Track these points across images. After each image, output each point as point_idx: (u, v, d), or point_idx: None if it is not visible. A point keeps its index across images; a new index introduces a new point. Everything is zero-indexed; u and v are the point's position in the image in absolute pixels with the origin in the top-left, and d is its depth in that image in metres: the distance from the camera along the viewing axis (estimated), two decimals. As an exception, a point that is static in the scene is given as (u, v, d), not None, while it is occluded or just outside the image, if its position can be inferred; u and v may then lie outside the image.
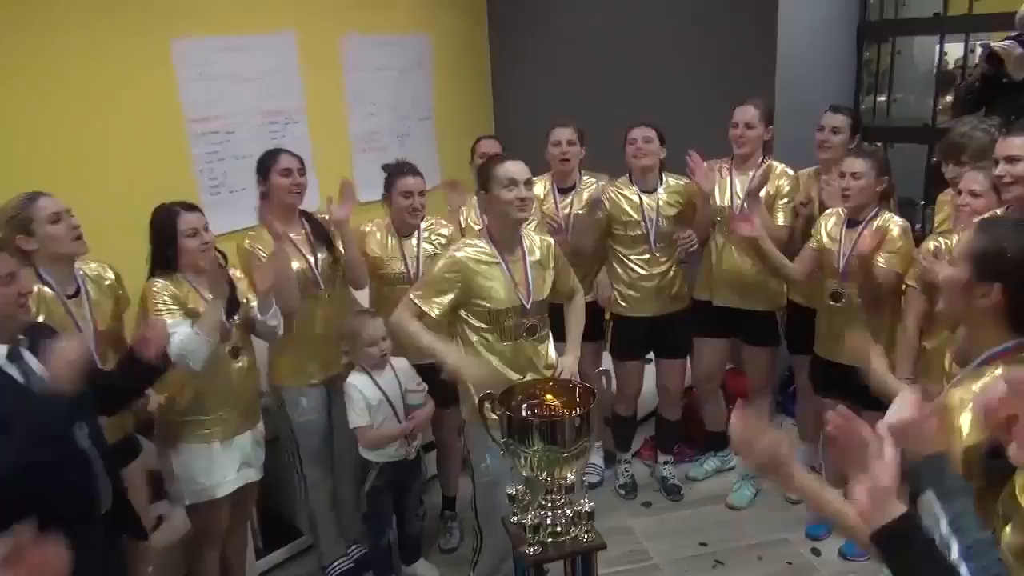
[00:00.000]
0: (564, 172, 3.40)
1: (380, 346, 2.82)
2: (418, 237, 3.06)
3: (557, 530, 1.94)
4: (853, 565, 3.10)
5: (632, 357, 3.50)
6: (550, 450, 1.86)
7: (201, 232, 2.46)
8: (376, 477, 2.87)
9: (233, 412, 2.59)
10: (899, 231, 2.79)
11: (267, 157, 2.83)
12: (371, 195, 3.33)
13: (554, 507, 1.94)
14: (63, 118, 3.03)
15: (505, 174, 2.41)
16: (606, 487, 3.70)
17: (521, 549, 1.89)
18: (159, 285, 2.43)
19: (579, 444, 1.88)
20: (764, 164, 3.25)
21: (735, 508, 3.51)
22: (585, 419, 1.90)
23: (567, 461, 1.89)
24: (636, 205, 3.27)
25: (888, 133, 4.31)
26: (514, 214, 2.44)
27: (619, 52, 4.33)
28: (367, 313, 2.93)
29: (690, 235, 3.25)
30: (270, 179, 2.80)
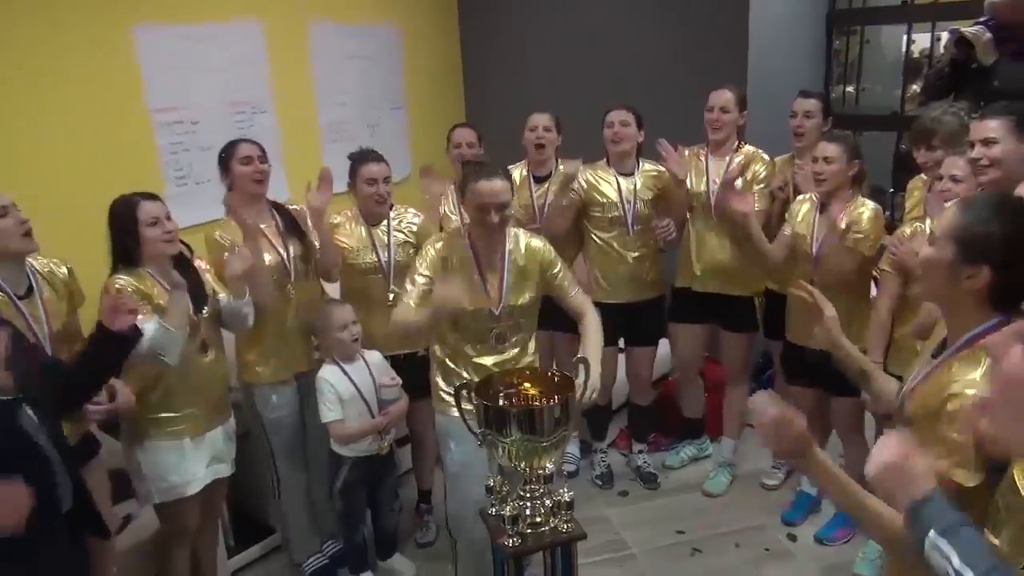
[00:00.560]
0: (540, 160, 3.38)
1: (351, 330, 2.78)
2: (388, 225, 3.02)
3: (536, 521, 1.91)
4: (829, 550, 3.13)
5: (606, 344, 3.47)
6: (528, 439, 1.83)
7: (163, 221, 2.38)
8: (349, 472, 2.83)
9: (203, 407, 2.53)
10: (870, 214, 2.82)
11: (226, 148, 2.78)
12: (341, 186, 3.25)
13: (533, 498, 1.91)
14: (19, 108, 2.94)
15: (477, 198, 2.35)
16: (582, 477, 3.69)
17: (500, 541, 1.85)
18: (122, 281, 2.35)
19: (558, 433, 1.85)
20: (740, 149, 3.27)
21: (712, 495, 3.52)
22: (564, 408, 1.87)
23: (546, 451, 1.86)
24: (613, 187, 3.26)
25: (857, 121, 4.34)
26: (482, 228, 2.41)
27: (590, 40, 4.31)
28: (334, 301, 2.89)
29: (668, 223, 3.25)
30: (231, 169, 2.75)
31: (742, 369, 3.54)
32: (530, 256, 2.51)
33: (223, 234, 2.73)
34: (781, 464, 3.59)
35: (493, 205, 2.34)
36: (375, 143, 3.13)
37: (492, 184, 2.33)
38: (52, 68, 3.00)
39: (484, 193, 2.33)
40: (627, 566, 3.08)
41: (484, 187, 2.33)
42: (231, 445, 2.68)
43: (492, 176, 2.34)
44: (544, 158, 3.37)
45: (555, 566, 1.93)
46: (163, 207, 2.41)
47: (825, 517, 3.27)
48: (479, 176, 2.35)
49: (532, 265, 2.51)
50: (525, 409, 1.88)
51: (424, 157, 4.42)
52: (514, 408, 1.90)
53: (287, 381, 2.89)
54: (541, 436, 1.83)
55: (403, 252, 3.01)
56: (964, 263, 1.43)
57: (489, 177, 2.34)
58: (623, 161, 3.27)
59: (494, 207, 2.34)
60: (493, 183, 2.33)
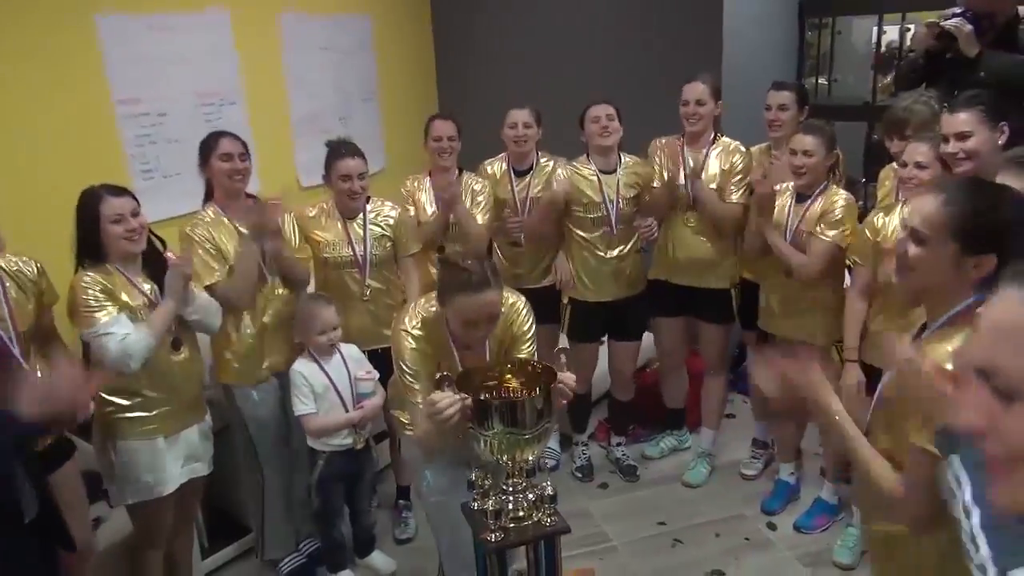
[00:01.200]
0: (521, 154, 3.36)
1: (329, 335, 2.75)
2: (364, 219, 2.97)
3: (519, 515, 1.89)
4: (808, 538, 3.16)
5: (589, 339, 3.48)
6: (511, 432, 1.81)
7: (127, 218, 2.31)
8: (324, 467, 2.79)
9: (177, 406, 2.47)
10: (843, 203, 2.84)
11: (207, 141, 2.72)
12: (314, 180, 3.22)
13: (515, 491, 1.89)
14: (-23, 99, 2.84)
15: (465, 314, 2.02)
16: (563, 470, 3.68)
17: (482, 536, 1.83)
18: (88, 279, 2.29)
19: (540, 425, 1.83)
20: (717, 140, 3.28)
21: (691, 486, 3.53)
22: (546, 399, 1.85)
23: (528, 443, 1.84)
24: (595, 186, 3.23)
25: (829, 112, 4.37)
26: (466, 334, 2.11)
27: (564, 31, 4.29)
28: (321, 298, 2.83)
29: (651, 223, 3.24)
30: (210, 163, 2.69)
31: (720, 360, 3.55)
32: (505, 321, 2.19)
33: (194, 229, 2.67)
34: (760, 454, 3.61)
35: (483, 318, 2.03)
36: (348, 136, 3.06)
37: (482, 298, 2.00)
38: (9, 56, 2.90)
39: (472, 309, 2.01)
40: (608, 559, 3.08)
41: (473, 303, 2.00)
42: (207, 444, 2.63)
43: (480, 289, 1.99)
44: (525, 151, 3.35)
45: (539, 560, 1.90)
46: (129, 203, 2.33)
47: (804, 506, 3.29)
48: (464, 288, 1.99)
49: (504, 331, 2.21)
50: (507, 402, 1.84)
51: (398, 149, 4.40)
52: (496, 400, 1.87)
53: (267, 380, 2.84)
54: (523, 428, 1.81)
55: (380, 246, 2.98)
56: (968, 255, 1.43)
57: (477, 291, 1.98)
58: (607, 156, 3.25)
59: (484, 320, 2.03)
60: (483, 296, 1.99)
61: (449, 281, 2.05)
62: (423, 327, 2.14)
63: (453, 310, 2.04)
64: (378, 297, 3.01)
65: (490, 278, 2.01)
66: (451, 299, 2.03)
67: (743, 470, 3.59)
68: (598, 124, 3.19)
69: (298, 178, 3.93)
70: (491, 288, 2.01)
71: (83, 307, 2.26)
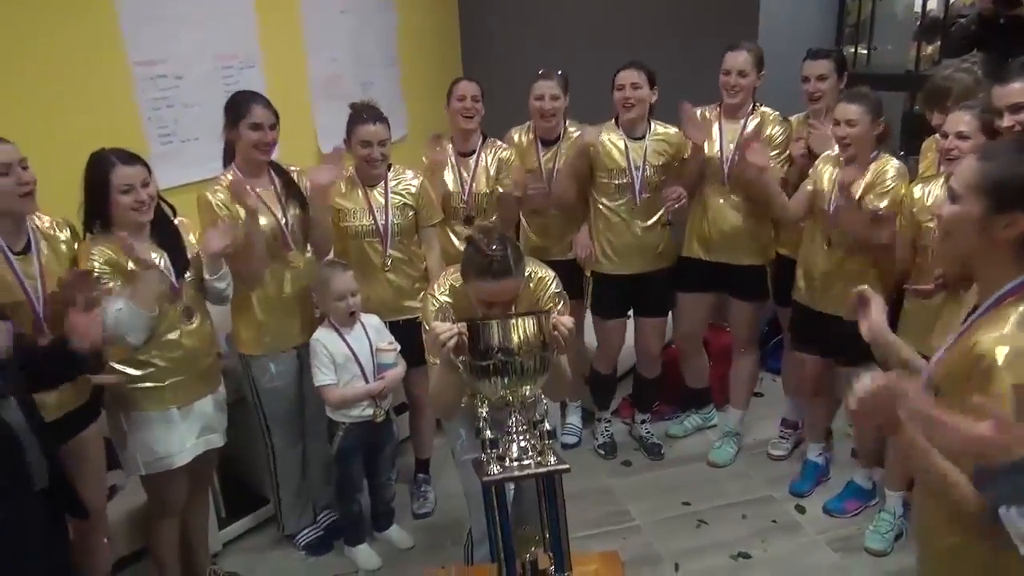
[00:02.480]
0: (547, 127, 3.29)
1: (348, 301, 2.69)
2: (385, 187, 2.91)
3: (520, 455, 1.79)
4: (838, 521, 3.09)
5: (614, 315, 3.41)
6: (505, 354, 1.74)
7: (137, 189, 2.25)
8: (343, 438, 2.77)
9: (190, 376, 2.43)
10: (894, 172, 2.73)
11: (239, 103, 2.63)
12: (333, 145, 3.14)
13: (517, 433, 1.81)
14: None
15: (483, 295, 2.04)
16: (584, 447, 3.64)
17: (483, 475, 1.76)
18: (95, 249, 2.26)
19: (535, 351, 1.76)
20: (755, 111, 3.17)
21: (717, 466, 3.48)
22: (540, 326, 1.77)
23: (526, 377, 1.77)
24: (621, 151, 3.15)
25: (868, 81, 4.19)
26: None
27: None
28: (338, 264, 2.78)
29: (679, 192, 3.14)
30: (238, 129, 2.62)
31: (750, 337, 3.47)
32: (532, 295, 2.22)
33: (214, 194, 2.62)
34: (788, 434, 3.54)
35: (499, 303, 2.03)
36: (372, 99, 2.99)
37: (500, 285, 1.99)
38: (23, 17, 2.84)
39: (489, 294, 2.02)
40: (631, 538, 3.04)
41: (490, 288, 2.00)
42: (222, 415, 2.60)
43: (500, 277, 1.98)
44: (552, 124, 3.28)
45: (541, 501, 1.83)
46: (141, 172, 2.28)
47: (833, 489, 3.23)
48: (484, 274, 1.99)
49: (532, 304, 2.21)
50: (498, 321, 1.77)
51: (420, 116, 4.31)
52: (490, 319, 1.80)
53: (285, 351, 2.80)
54: (517, 352, 1.74)
55: (401, 215, 2.92)
56: (998, 213, 1.38)
57: (496, 278, 1.98)
58: (634, 125, 3.17)
59: (500, 304, 2.04)
60: (502, 284, 1.99)
61: (471, 262, 2.04)
62: (451, 294, 2.18)
63: (471, 290, 2.08)
64: (399, 268, 2.95)
65: (512, 266, 1.99)
66: (470, 280, 2.06)
67: (771, 450, 3.53)
68: (622, 93, 3.10)
69: (318, 145, 3.86)
70: (511, 277, 2.00)
71: None
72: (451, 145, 3.24)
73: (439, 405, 2.19)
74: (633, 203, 3.17)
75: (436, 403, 2.19)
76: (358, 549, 2.96)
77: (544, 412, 1.77)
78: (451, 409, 2.20)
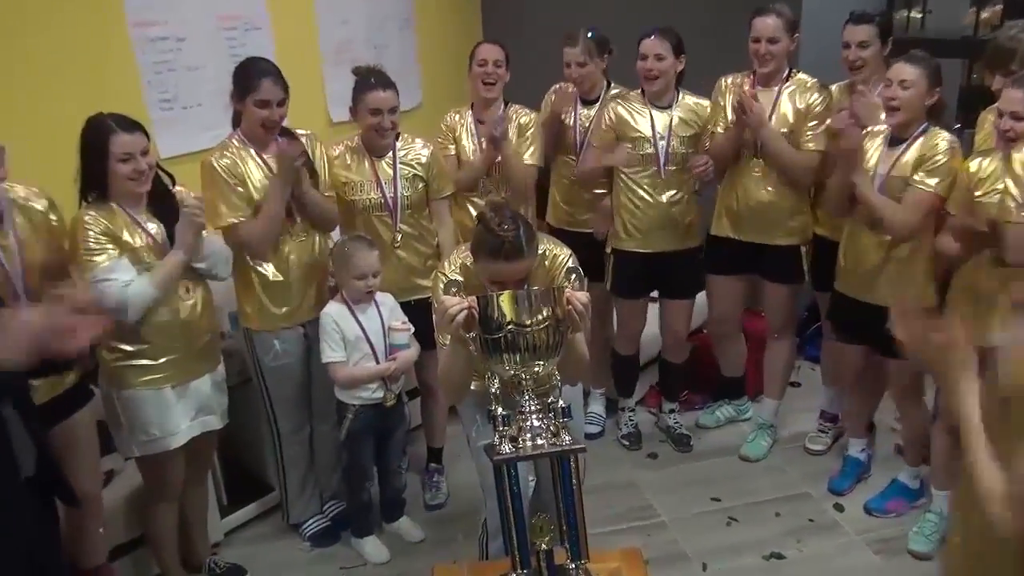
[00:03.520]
0: (584, 89, 3.31)
1: (368, 282, 2.69)
2: (393, 158, 2.88)
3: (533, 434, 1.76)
4: (879, 522, 3.04)
5: (634, 295, 3.38)
6: (518, 330, 1.73)
7: (136, 157, 2.25)
8: (352, 421, 2.76)
9: (186, 354, 2.43)
10: (946, 147, 2.64)
11: (248, 77, 2.60)
12: (345, 114, 3.11)
13: (530, 411, 1.78)
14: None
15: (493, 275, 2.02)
16: (608, 437, 3.61)
17: (497, 457, 1.74)
18: (90, 218, 2.26)
19: (546, 322, 1.74)
20: (792, 78, 3.11)
21: (750, 460, 3.43)
22: (554, 295, 1.77)
23: (539, 352, 1.75)
24: (647, 121, 3.12)
25: (921, 46, 4.09)
26: None
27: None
28: (363, 240, 2.75)
29: (706, 161, 3.09)
30: (244, 102, 2.61)
31: (786, 323, 3.41)
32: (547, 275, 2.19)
33: (222, 163, 2.60)
34: (827, 427, 3.48)
35: (510, 284, 1.98)
36: (382, 66, 2.94)
37: (511, 267, 1.97)
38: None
39: (499, 275, 1.99)
40: (656, 535, 3.01)
41: (500, 270, 1.97)
42: (221, 395, 2.60)
43: (511, 259, 1.95)
44: (584, 89, 3.30)
45: (557, 486, 1.80)
46: (141, 140, 2.28)
47: (875, 487, 3.17)
48: (495, 255, 1.96)
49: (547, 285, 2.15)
50: (511, 293, 1.77)
51: (437, 83, 4.27)
52: (498, 293, 1.79)
53: (290, 328, 2.80)
54: (528, 323, 1.73)
55: (411, 188, 2.89)
56: None
57: (508, 260, 1.95)
58: (660, 96, 3.14)
59: (511, 285, 1.98)
60: (512, 266, 1.97)
61: (481, 242, 2.02)
62: (462, 272, 2.16)
63: (481, 270, 2.06)
64: (409, 244, 2.93)
65: (524, 247, 1.97)
66: (480, 259, 2.04)
67: (808, 444, 3.47)
68: (644, 64, 3.07)
69: (328, 112, 3.84)
70: (523, 258, 1.98)
71: (83, 249, 2.23)
72: (470, 113, 3.22)
73: (447, 385, 2.18)
74: (658, 176, 3.13)
75: (445, 383, 2.18)
76: (366, 541, 2.96)
77: (558, 391, 1.75)
78: (460, 390, 2.20)
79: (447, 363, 2.07)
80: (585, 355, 2.09)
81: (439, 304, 1.99)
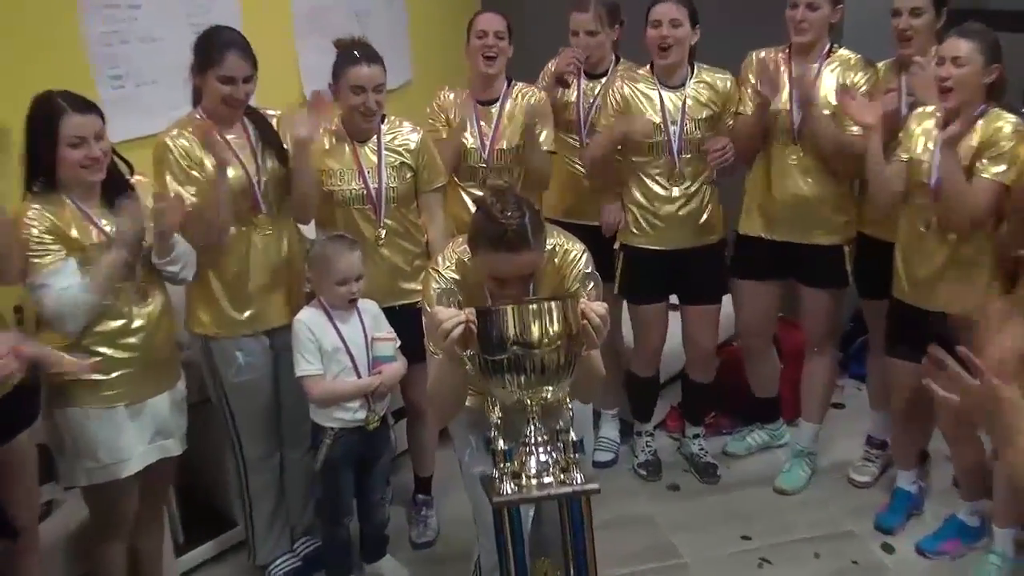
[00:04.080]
0: (592, 61, 3.37)
1: (351, 287, 2.73)
2: (378, 143, 2.92)
3: (539, 471, 1.81)
4: (932, 564, 3.08)
5: (650, 300, 3.40)
6: (525, 350, 1.75)
7: (89, 142, 2.28)
8: (330, 447, 2.78)
9: (142, 368, 2.46)
10: (1010, 130, 2.69)
11: (210, 48, 2.64)
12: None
13: (535, 443, 1.83)
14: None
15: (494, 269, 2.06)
16: (622, 466, 3.65)
17: (494, 495, 1.76)
18: (33, 212, 2.29)
19: (556, 344, 1.76)
20: (832, 54, 3.16)
21: (785, 492, 3.47)
22: (567, 308, 1.78)
23: (547, 375, 1.77)
24: (656, 104, 3.16)
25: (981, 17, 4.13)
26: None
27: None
28: (344, 240, 2.79)
29: (726, 145, 3.13)
30: (206, 76, 2.64)
31: (827, 335, 3.44)
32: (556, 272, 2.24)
33: (178, 143, 2.63)
34: (875, 456, 3.51)
35: (514, 279, 2.03)
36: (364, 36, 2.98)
37: (515, 259, 1.99)
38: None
39: (501, 269, 2.02)
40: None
41: (503, 263, 2.00)
42: (180, 417, 2.63)
43: (515, 249, 1.97)
44: (593, 61, 3.36)
45: (565, 527, 1.83)
46: (95, 123, 2.32)
47: (930, 525, 3.20)
48: (496, 245, 1.98)
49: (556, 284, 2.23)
50: (513, 307, 1.80)
51: (429, 57, 4.30)
52: (507, 305, 1.81)
53: (255, 335, 2.82)
54: (535, 345, 1.75)
55: (398, 178, 2.93)
56: None
57: (511, 250, 1.97)
58: (672, 71, 3.18)
59: (515, 280, 2.04)
60: (517, 258, 1.99)
61: (481, 230, 2.04)
62: (458, 270, 2.19)
63: (481, 263, 2.08)
64: (394, 242, 2.96)
65: (530, 236, 1.99)
66: (480, 251, 2.06)
67: (852, 475, 3.51)
68: (657, 31, 3.11)
69: (303, 90, 3.86)
70: (529, 249, 2.00)
71: (26, 250, 2.26)
72: (468, 92, 3.26)
73: (437, 405, 2.22)
74: (671, 165, 3.17)
75: (434, 402, 2.21)
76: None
77: (569, 420, 1.76)
78: (450, 411, 2.22)
79: (437, 380, 2.09)
80: (600, 372, 2.11)
81: (430, 314, 2.00)
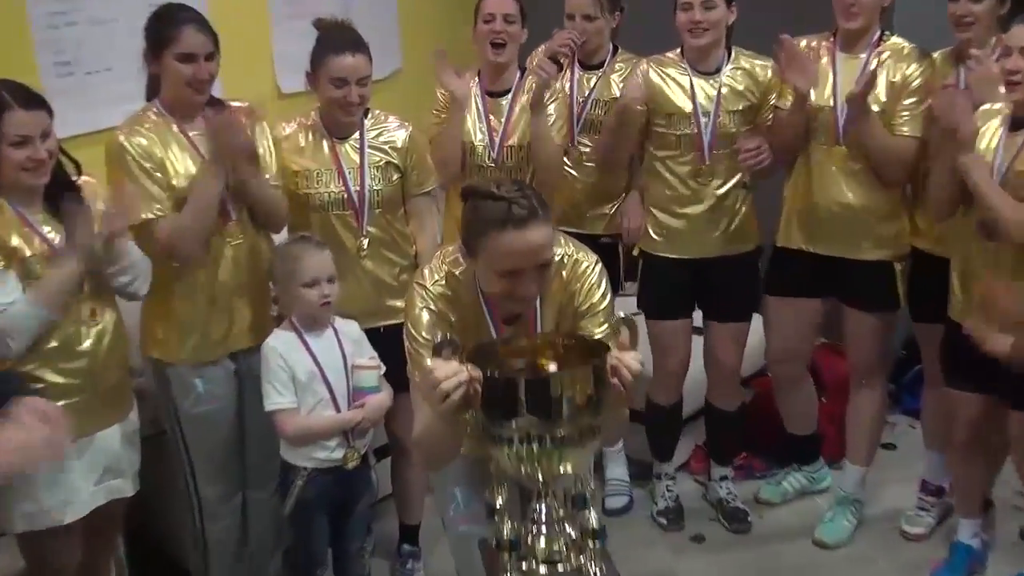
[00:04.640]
0: (588, 51, 3.42)
1: (322, 289, 2.73)
2: (361, 140, 2.95)
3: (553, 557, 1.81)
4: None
5: (671, 315, 3.42)
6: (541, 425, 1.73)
7: (34, 141, 2.32)
8: (302, 489, 2.78)
9: (90, 396, 2.49)
10: None
11: (161, 26, 2.68)
12: (298, 84, 3.21)
13: (547, 522, 1.82)
14: None
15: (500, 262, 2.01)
16: (638, 513, 3.66)
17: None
18: None
19: (581, 420, 1.75)
20: (883, 43, 3.18)
21: (827, 546, 3.47)
22: (594, 381, 1.76)
23: (563, 448, 1.76)
24: (687, 92, 3.20)
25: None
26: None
27: None
28: (309, 240, 2.83)
29: (760, 145, 3.16)
30: (161, 60, 2.67)
31: (875, 364, 3.46)
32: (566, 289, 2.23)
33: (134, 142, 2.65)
34: (930, 503, 3.51)
35: (530, 266, 2.00)
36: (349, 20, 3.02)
37: (526, 236, 1.96)
38: None
39: (513, 253, 1.98)
40: (702, 644, 3.06)
41: (514, 243, 1.96)
42: (132, 452, 2.66)
43: (524, 224, 1.95)
44: (589, 49, 3.41)
45: None
46: (42, 120, 2.36)
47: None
48: (503, 224, 1.95)
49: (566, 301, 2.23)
50: (530, 379, 1.78)
51: (422, 44, 4.32)
52: (514, 375, 1.81)
53: (217, 361, 2.84)
54: (555, 422, 1.73)
55: (383, 179, 2.97)
56: None
57: (519, 226, 1.94)
58: (705, 55, 3.22)
59: (531, 268, 2.01)
60: (528, 234, 1.96)
61: (479, 217, 2.01)
62: (448, 284, 2.17)
63: (486, 258, 2.02)
64: (378, 252, 3.00)
65: (537, 207, 1.97)
66: (482, 242, 2.00)
67: (905, 526, 3.51)
68: (688, 15, 3.14)
69: (276, 81, 3.91)
70: (539, 221, 1.97)
71: None
72: (476, 82, 3.29)
73: (426, 455, 2.20)
74: (700, 161, 3.21)
75: (422, 451, 2.19)
76: (315, 646, 2.99)
77: (589, 495, 1.76)
78: (441, 462, 2.21)
79: (427, 433, 2.02)
80: (625, 416, 2.11)
81: (426, 369, 1.88)
